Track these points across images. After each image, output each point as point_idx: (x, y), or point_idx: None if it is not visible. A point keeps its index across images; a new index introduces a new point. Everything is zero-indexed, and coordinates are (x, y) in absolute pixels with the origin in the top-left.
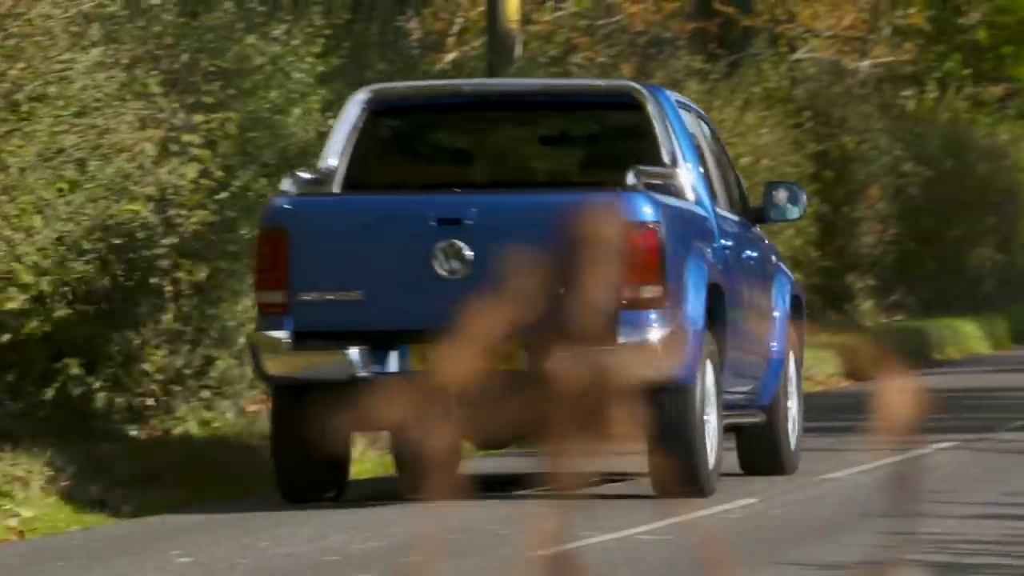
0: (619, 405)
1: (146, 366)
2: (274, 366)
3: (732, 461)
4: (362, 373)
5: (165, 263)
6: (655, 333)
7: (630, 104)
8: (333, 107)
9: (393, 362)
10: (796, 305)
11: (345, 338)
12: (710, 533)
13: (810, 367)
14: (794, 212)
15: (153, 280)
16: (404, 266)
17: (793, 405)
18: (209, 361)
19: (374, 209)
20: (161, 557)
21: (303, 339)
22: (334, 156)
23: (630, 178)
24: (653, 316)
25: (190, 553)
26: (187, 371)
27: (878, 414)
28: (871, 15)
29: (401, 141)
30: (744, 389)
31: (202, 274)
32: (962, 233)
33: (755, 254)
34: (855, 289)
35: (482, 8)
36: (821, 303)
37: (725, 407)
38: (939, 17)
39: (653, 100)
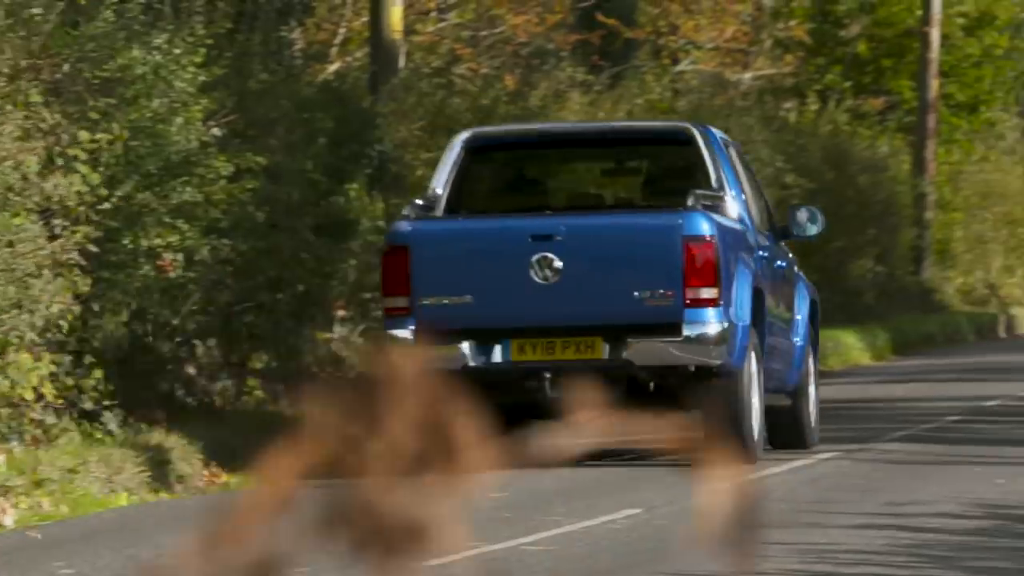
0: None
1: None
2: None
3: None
4: (472, 363)
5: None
6: (713, 327)
7: (684, 140)
8: (216, 116)
9: (497, 354)
10: (813, 307)
11: (458, 335)
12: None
13: None
14: (813, 230)
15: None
16: (505, 275)
17: (812, 390)
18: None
19: (480, 229)
20: (44, 569)
21: (421, 336)
22: (440, 186)
23: (690, 200)
24: (711, 313)
25: (72, 564)
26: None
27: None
28: (753, 27)
29: (492, 173)
30: (775, 376)
31: (85, 287)
32: (843, 244)
33: (784, 264)
34: None
35: (365, 19)
36: None
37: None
38: (820, 30)
39: (702, 136)
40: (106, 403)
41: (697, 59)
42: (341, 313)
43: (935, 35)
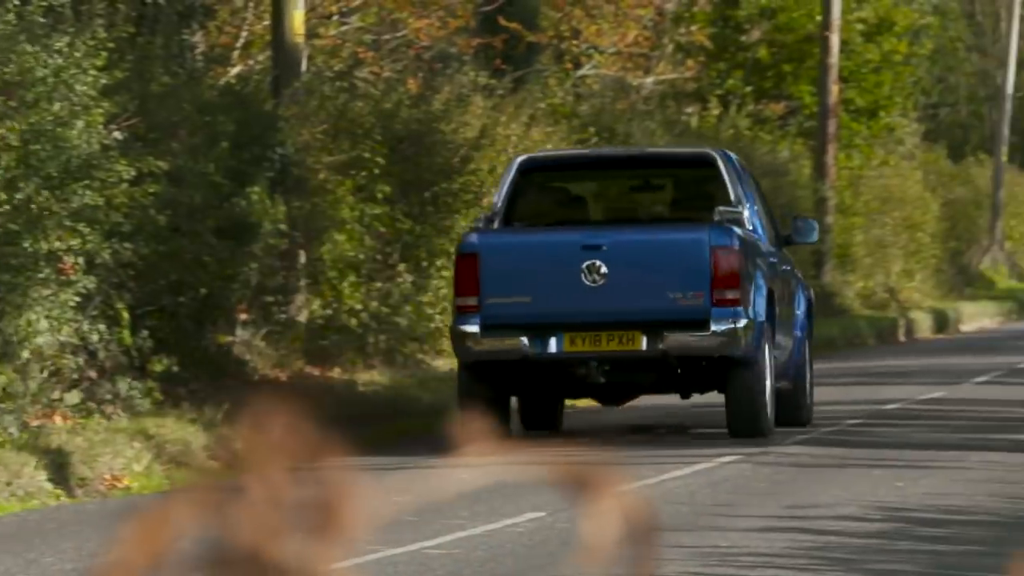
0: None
1: None
2: (466, 350)
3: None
4: (530, 353)
5: None
6: (735, 323)
7: (707, 163)
8: (117, 119)
9: (552, 345)
10: (808, 304)
11: (518, 329)
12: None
13: None
14: (812, 237)
15: None
16: (559, 278)
17: (808, 376)
18: None
19: (538, 240)
20: None
21: (488, 330)
22: (499, 200)
23: (716, 215)
24: (735, 311)
25: None
26: None
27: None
28: (654, 32)
29: (542, 190)
30: (780, 364)
31: None
32: None
33: (788, 268)
34: None
35: (267, 22)
36: None
37: None
38: (721, 35)
39: (722, 159)
40: (3, 405)
41: (599, 63)
42: (243, 316)
43: (835, 40)
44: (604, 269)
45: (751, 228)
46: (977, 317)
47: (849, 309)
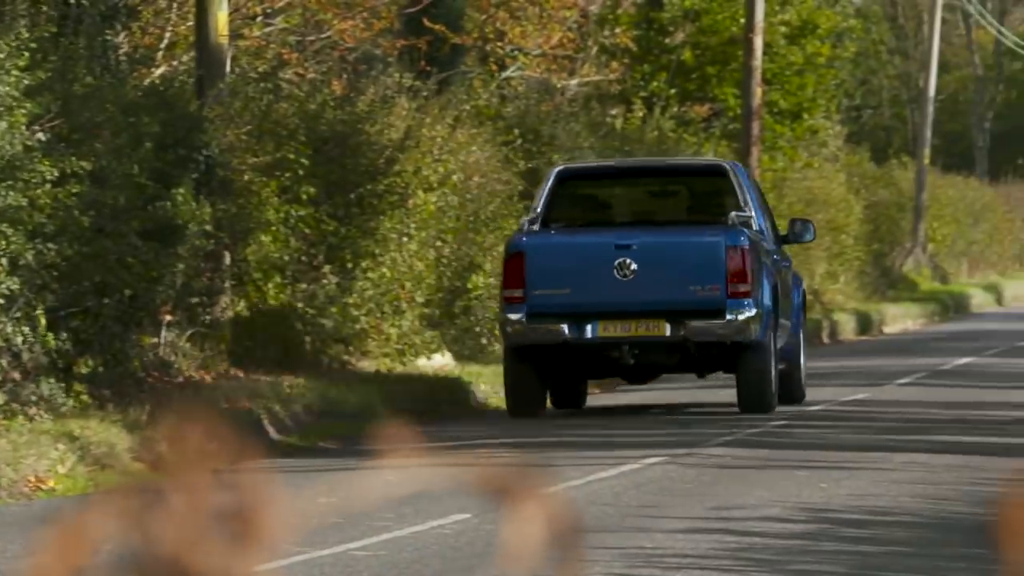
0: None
1: None
2: (513, 335)
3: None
4: (569, 338)
5: None
6: (747, 313)
7: (719, 172)
8: (40, 120)
9: (588, 331)
10: (802, 296)
11: (559, 317)
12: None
13: None
14: (807, 237)
15: None
16: (594, 273)
17: (802, 359)
18: None
19: (577, 240)
20: None
21: (532, 318)
22: (539, 205)
23: (731, 219)
24: (746, 303)
25: None
26: None
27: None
28: (579, 34)
29: (576, 196)
30: (780, 348)
31: None
32: None
33: (787, 264)
34: None
35: (191, 23)
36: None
37: None
38: (645, 37)
39: (732, 170)
40: None
41: (524, 65)
42: (168, 318)
43: (758, 43)
44: (634, 266)
45: (758, 230)
46: (900, 319)
47: None
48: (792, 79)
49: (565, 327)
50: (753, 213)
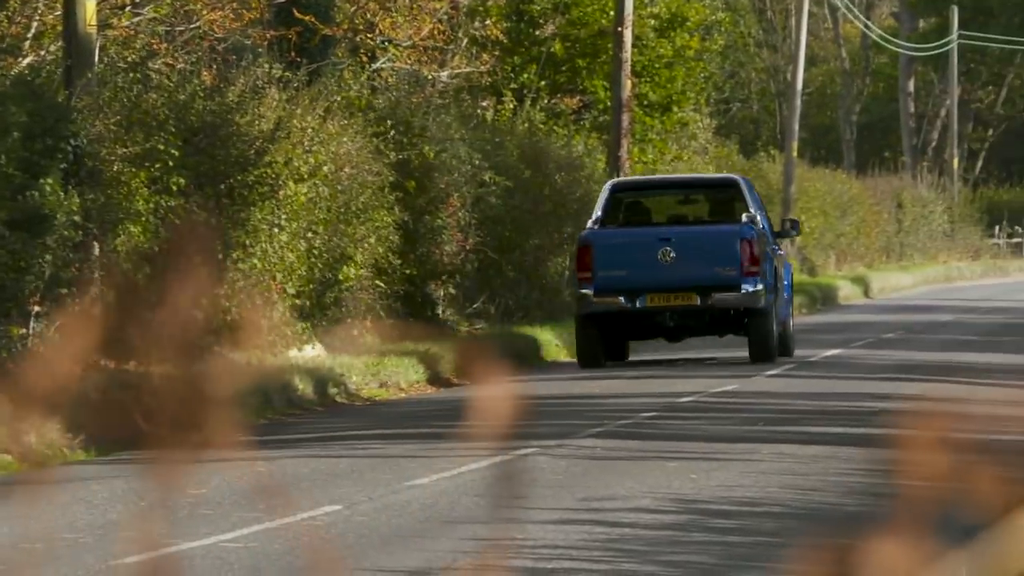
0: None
1: None
2: (583, 306)
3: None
4: (625, 307)
5: None
6: (756, 287)
7: (731, 184)
8: None
9: (639, 302)
10: (791, 277)
11: (617, 291)
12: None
13: (394, 374)
14: (794, 233)
15: None
16: (643, 259)
17: (791, 323)
18: None
19: (631, 234)
20: None
21: (598, 293)
22: (598, 210)
23: (743, 218)
24: (755, 280)
25: None
26: None
27: (476, 417)
28: (449, 26)
29: (625, 203)
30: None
31: None
32: (540, 242)
33: (781, 252)
34: (437, 297)
35: (59, 12)
36: (403, 311)
37: None
38: (515, 29)
39: (742, 182)
40: None
41: (394, 56)
42: (36, 308)
43: (628, 36)
44: (672, 253)
45: (761, 227)
46: None
47: None
48: (661, 72)
49: (622, 299)
50: (757, 214)
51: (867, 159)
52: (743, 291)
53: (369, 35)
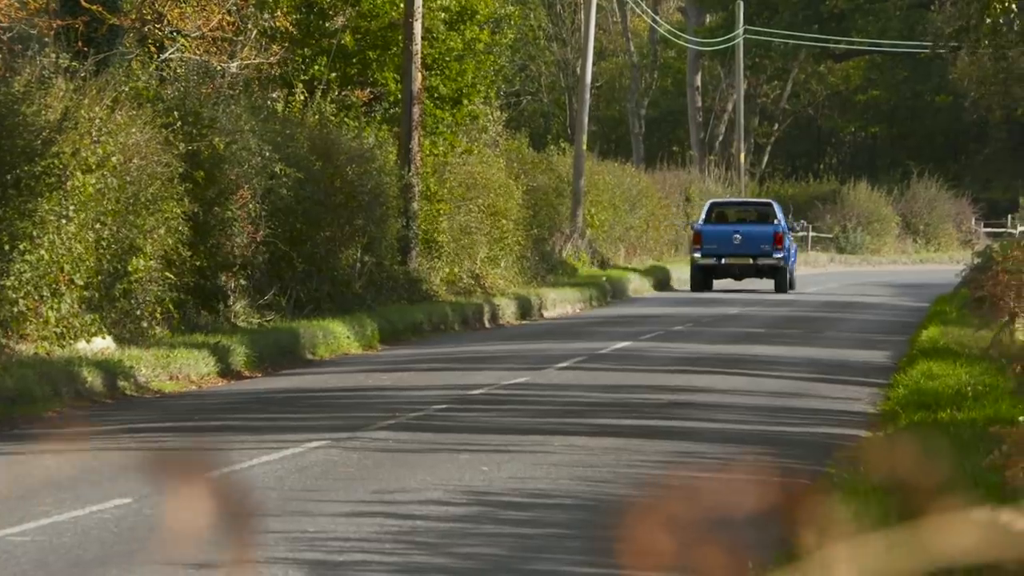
0: None
1: None
2: (697, 263)
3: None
4: (715, 264)
5: None
6: (780, 255)
7: (768, 204)
8: None
9: (723, 261)
10: (795, 250)
11: (712, 255)
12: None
13: (184, 367)
14: (797, 228)
15: None
16: (725, 240)
17: (795, 273)
18: None
19: (719, 228)
20: None
21: (703, 256)
22: (703, 214)
23: (775, 222)
24: (781, 251)
25: None
26: None
27: None
28: (238, 17)
29: (714, 211)
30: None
31: None
32: (332, 234)
33: (792, 238)
34: (228, 289)
35: None
36: (194, 303)
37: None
38: (305, 20)
39: (774, 203)
40: None
41: (183, 47)
42: None
43: (418, 28)
44: (740, 238)
45: (785, 225)
46: (560, 303)
47: (435, 295)
48: (452, 65)
49: (713, 260)
50: (782, 219)
51: (656, 152)
52: (774, 258)
53: (158, 25)
